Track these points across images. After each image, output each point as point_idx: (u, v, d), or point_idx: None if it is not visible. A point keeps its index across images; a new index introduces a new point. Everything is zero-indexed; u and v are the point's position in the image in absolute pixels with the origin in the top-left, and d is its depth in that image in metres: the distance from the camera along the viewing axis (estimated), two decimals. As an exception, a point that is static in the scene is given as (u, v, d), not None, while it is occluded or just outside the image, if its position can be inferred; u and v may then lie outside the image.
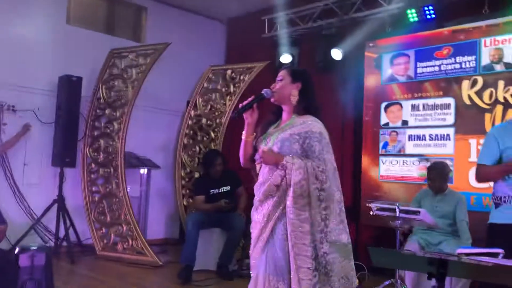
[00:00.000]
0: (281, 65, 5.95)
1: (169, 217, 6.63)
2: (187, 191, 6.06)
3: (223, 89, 6.18)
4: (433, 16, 4.73)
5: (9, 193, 5.17)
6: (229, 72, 6.17)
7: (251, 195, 2.33)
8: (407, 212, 3.67)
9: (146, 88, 5.57)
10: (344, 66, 5.59)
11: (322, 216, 2.07)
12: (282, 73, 2.28)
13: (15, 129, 5.11)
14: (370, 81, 5.25)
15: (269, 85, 6.17)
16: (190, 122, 6.24)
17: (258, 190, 2.21)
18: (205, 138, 6.18)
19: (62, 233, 5.30)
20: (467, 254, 1.66)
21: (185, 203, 6.02)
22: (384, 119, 5.11)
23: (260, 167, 2.25)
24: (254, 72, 5.95)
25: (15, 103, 5.27)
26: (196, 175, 6.05)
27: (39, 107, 5.47)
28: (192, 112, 6.25)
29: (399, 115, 5.01)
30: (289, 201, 2.08)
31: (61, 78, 5.48)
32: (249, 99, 2.19)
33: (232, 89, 6.10)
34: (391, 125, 5.06)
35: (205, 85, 6.27)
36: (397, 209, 3.66)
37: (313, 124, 2.16)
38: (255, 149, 2.23)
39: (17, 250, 2.37)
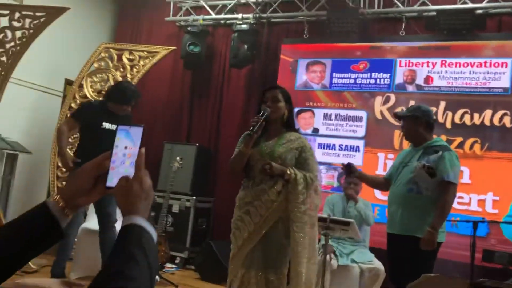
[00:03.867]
0: (188, 54, 5.55)
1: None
2: (64, 183, 5.19)
3: (118, 72, 5.46)
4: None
5: None
6: (126, 53, 5.49)
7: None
8: (337, 222, 3.62)
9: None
10: (257, 66, 5.42)
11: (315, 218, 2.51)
12: (277, 95, 2.55)
13: None
14: (283, 84, 5.04)
15: (170, 71, 5.66)
16: (73, 104, 5.37)
17: (255, 194, 2.44)
18: (90, 124, 5.36)
19: None
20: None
21: (60, 197, 5.13)
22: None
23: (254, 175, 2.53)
24: (157, 57, 5.38)
25: None
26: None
27: None
28: (77, 94, 5.41)
29: (311, 122, 5.01)
30: (290, 205, 2.38)
31: None
32: (258, 118, 2.43)
33: (129, 72, 5.42)
34: (301, 131, 5.01)
35: (96, 64, 5.48)
36: (328, 219, 3.59)
37: (305, 141, 2.60)
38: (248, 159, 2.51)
39: None
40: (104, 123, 3.67)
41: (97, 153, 0.96)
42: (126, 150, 0.93)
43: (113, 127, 3.61)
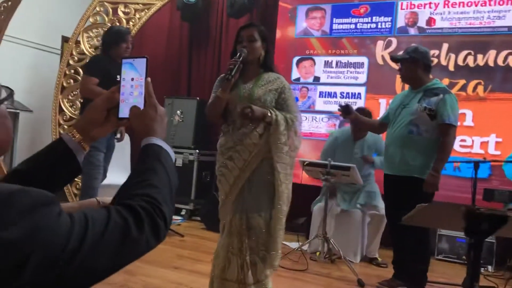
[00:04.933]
0: (184, 5, 5.41)
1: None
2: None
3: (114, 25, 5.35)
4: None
5: None
6: (121, 7, 5.36)
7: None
8: (338, 168, 3.63)
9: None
10: (255, 15, 5.29)
11: (293, 160, 2.43)
12: (253, 33, 2.39)
13: None
14: (283, 33, 5.04)
15: (167, 24, 5.52)
16: (71, 61, 5.32)
17: (237, 138, 2.37)
18: (90, 81, 5.32)
19: None
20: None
21: (64, 154, 5.16)
22: (295, 74, 4.98)
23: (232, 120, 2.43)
24: (153, 9, 5.26)
25: None
26: (78, 123, 5.21)
27: None
28: (74, 50, 5.33)
29: (312, 70, 4.93)
30: (273, 146, 2.33)
31: None
32: (234, 61, 2.28)
33: (125, 26, 5.31)
34: (302, 80, 4.96)
35: (91, 19, 5.38)
36: (328, 165, 3.60)
37: (285, 81, 2.46)
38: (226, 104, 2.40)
39: None
40: (117, 76, 3.57)
41: None
42: (133, 81, 0.98)
43: None
